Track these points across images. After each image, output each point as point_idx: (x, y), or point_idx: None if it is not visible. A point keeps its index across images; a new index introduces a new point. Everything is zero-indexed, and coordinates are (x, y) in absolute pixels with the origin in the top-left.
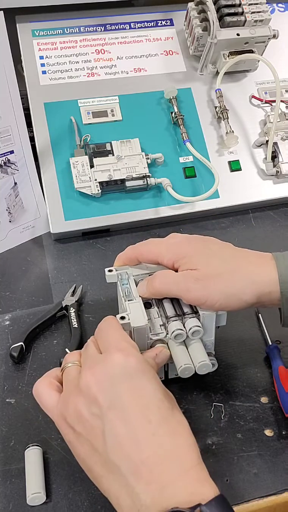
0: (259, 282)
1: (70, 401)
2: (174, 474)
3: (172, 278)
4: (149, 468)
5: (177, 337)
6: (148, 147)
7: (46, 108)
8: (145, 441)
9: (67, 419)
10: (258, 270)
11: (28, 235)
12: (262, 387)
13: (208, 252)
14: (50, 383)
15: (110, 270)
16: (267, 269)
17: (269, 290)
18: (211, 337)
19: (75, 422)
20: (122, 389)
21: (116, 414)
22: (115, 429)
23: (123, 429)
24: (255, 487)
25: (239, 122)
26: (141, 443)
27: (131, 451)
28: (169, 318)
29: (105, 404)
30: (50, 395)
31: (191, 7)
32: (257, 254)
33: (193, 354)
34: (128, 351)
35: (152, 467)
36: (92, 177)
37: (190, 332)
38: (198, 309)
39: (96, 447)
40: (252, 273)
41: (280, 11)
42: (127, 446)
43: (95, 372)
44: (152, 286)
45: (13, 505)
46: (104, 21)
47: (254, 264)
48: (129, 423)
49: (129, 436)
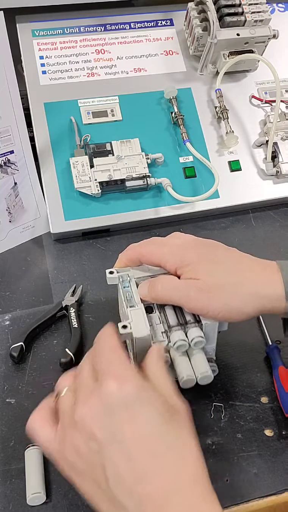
0: (263, 297)
1: (67, 436)
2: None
3: (174, 285)
4: (154, 503)
5: (179, 348)
6: (148, 147)
7: (46, 108)
8: (148, 475)
9: (67, 455)
10: (263, 282)
11: (28, 235)
12: (262, 387)
13: (213, 259)
14: (44, 418)
15: (111, 272)
16: (272, 282)
17: (273, 304)
18: (213, 343)
19: (75, 458)
20: (120, 420)
21: (116, 448)
22: (115, 464)
23: (124, 464)
24: (255, 487)
25: (239, 122)
26: (144, 477)
27: (134, 487)
28: (171, 327)
29: (103, 439)
30: (45, 431)
31: (191, 7)
32: (263, 265)
33: (195, 364)
34: (124, 377)
35: (157, 502)
36: (92, 177)
37: (192, 342)
38: (201, 318)
39: (99, 484)
40: (256, 286)
41: (280, 11)
42: (129, 482)
43: (90, 405)
44: (154, 291)
45: (13, 505)
46: (104, 21)
47: (258, 276)
48: (130, 458)
49: (131, 471)
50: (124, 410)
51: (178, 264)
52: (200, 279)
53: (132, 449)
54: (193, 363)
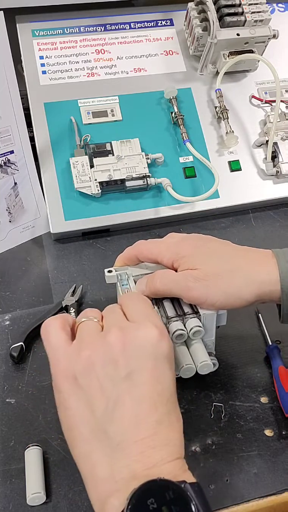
0: (259, 281)
1: (85, 350)
2: (162, 459)
3: (172, 277)
4: (141, 449)
5: (178, 337)
6: (148, 147)
7: (46, 108)
8: (146, 425)
9: (74, 366)
10: (258, 268)
11: (28, 235)
12: (262, 387)
13: (207, 251)
14: (63, 324)
15: (109, 271)
16: (268, 268)
17: (269, 288)
18: (212, 337)
19: (82, 372)
20: (146, 365)
21: (129, 387)
22: (122, 401)
23: (130, 405)
24: (255, 487)
25: (239, 122)
26: (141, 425)
27: (129, 429)
28: (170, 318)
29: (123, 371)
30: (60, 336)
31: (191, 7)
32: (258, 252)
33: (195, 354)
34: (164, 332)
35: (144, 449)
36: (92, 177)
37: (191, 332)
38: (199, 309)
39: (93, 408)
40: (252, 272)
41: (280, 11)
42: (127, 422)
43: (126, 335)
44: (152, 285)
45: (13, 505)
46: (104, 21)
47: (254, 263)
48: (138, 402)
49: (133, 414)
50: (154, 359)
51: (174, 257)
52: (197, 269)
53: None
54: (192, 353)
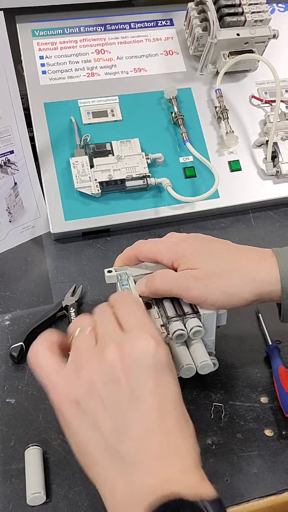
0: (259, 280)
1: (84, 370)
2: (177, 472)
3: (172, 277)
4: (154, 464)
5: (178, 337)
6: (148, 147)
7: (46, 108)
8: (156, 438)
9: (75, 390)
10: (258, 268)
11: (28, 235)
12: (262, 387)
13: (207, 250)
14: (50, 345)
15: (109, 271)
16: (267, 267)
17: (269, 288)
18: (212, 337)
19: (84, 396)
20: (148, 378)
21: (134, 404)
22: (129, 419)
23: (137, 422)
24: (255, 487)
25: (239, 122)
26: (152, 439)
27: (140, 446)
28: (170, 318)
29: (126, 389)
30: (52, 361)
31: (191, 7)
32: (257, 251)
33: (195, 354)
34: (160, 340)
35: (157, 463)
36: (92, 177)
37: (191, 332)
38: (199, 309)
39: (101, 431)
40: (252, 271)
41: (280, 11)
42: (137, 440)
43: (124, 350)
44: (152, 285)
45: (13, 505)
46: (104, 21)
47: (253, 262)
48: (145, 418)
49: (141, 431)
50: (154, 371)
51: (174, 257)
52: (197, 268)
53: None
54: (192, 353)
